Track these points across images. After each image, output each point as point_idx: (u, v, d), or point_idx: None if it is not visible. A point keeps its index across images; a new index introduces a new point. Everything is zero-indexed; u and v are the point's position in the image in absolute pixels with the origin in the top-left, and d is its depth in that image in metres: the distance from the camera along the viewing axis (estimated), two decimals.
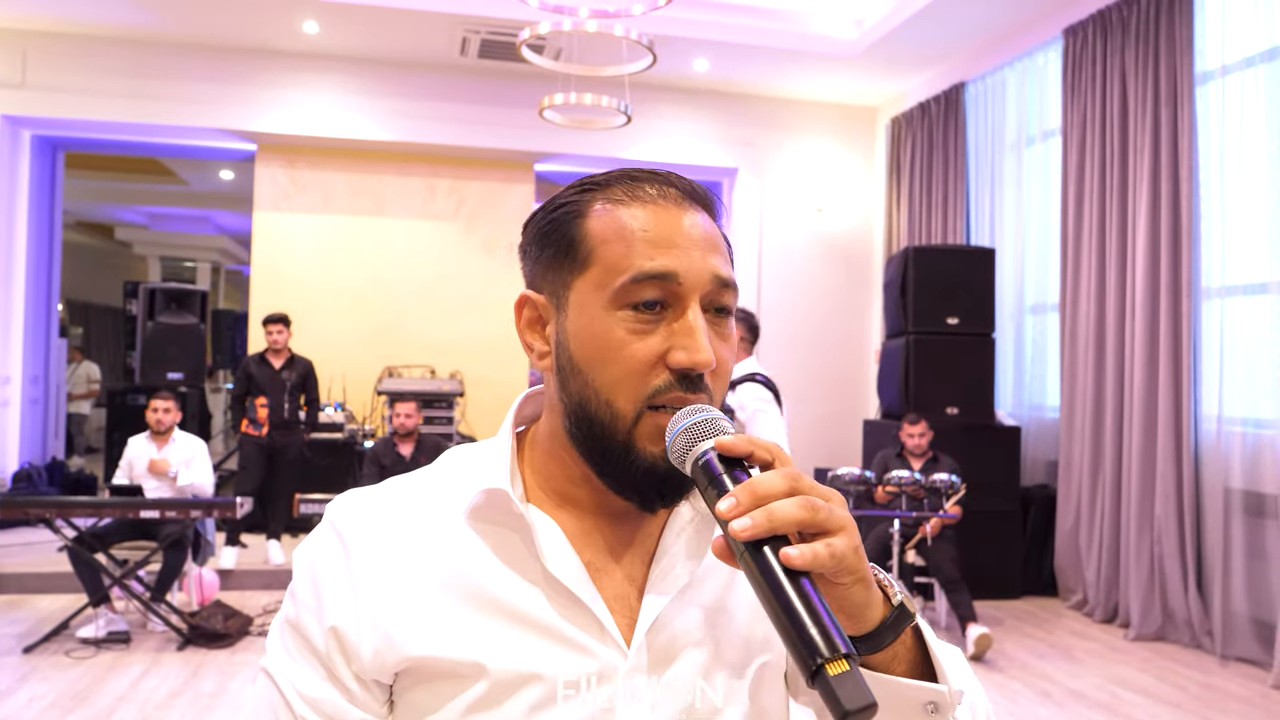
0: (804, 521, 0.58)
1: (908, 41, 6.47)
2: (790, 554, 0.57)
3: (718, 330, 0.72)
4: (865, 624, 0.63)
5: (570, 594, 0.72)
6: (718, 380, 0.72)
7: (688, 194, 0.74)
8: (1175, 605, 4.70)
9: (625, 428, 0.70)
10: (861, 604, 0.62)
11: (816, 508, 0.59)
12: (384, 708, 0.73)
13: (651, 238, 0.71)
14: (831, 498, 0.61)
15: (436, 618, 0.71)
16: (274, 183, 7.40)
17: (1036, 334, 6.14)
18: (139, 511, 4.35)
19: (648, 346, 0.70)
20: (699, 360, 0.68)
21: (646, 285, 0.70)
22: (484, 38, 6.56)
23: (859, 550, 0.60)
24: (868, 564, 0.62)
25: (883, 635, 0.63)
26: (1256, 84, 4.46)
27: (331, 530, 0.75)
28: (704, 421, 0.66)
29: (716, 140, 7.64)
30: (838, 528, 0.59)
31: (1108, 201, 5.20)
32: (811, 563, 0.57)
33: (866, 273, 7.93)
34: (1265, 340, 4.39)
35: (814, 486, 0.61)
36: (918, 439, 5.01)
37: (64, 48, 6.63)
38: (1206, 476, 4.63)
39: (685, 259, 0.70)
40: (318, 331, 7.34)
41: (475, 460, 0.78)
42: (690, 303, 0.70)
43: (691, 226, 0.72)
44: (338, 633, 0.71)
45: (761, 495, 0.59)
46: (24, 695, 3.68)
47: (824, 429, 7.76)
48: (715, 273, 0.71)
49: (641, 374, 0.69)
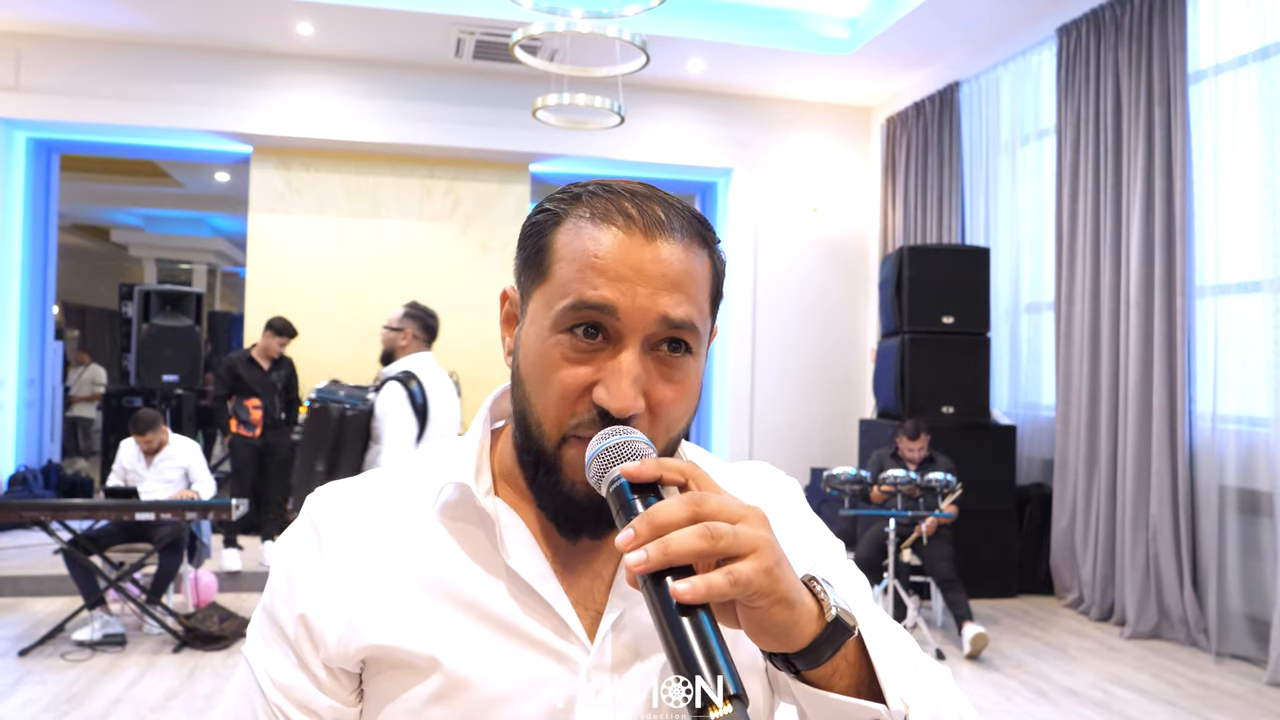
0: (702, 551, 0.55)
1: (902, 41, 6.48)
2: (678, 589, 0.54)
3: (664, 371, 0.69)
4: (796, 641, 0.60)
5: (532, 590, 0.72)
6: (658, 422, 0.69)
7: (660, 224, 0.69)
8: (1171, 603, 4.70)
9: (551, 449, 0.70)
10: (784, 624, 0.58)
11: (718, 535, 0.56)
12: (352, 696, 0.74)
13: (603, 265, 0.67)
14: (745, 518, 0.58)
15: (398, 608, 0.71)
16: (269, 185, 7.40)
17: (1031, 333, 6.14)
18: (134, 514, 4.35)
19: (577, 376, 0.68)
20: (615, 406, 0.66)
21: (585, 313, 0.67)
22: (478, 39, 6.56)
23: (772, 571, 0.57)
24: (788, 583, 0.58)
25: (818, 651, 0.60)
26: (1249, 83, 4.46)
27: (309, 522, 0.76)
28: (618, 445, 0.64)
29: (711, 140, 7.65)
30: (746, 551, 0.56)
31: (1102, 200, 5.21)
32: (705, 595, 0.54)
33: (862, 272, 7.94)
34: (1259, 338, 4.40)
35: (722, 508, 0.58)
36: (916, 453, 4.99)
37: (58, 50, 6.62)
38: (1201, 474, 4.63)
39: (631, 295, 0.67)
40: (314, 333, 7.33)
41: (450, 454, 0.78)
42: (628, 342, 0.67)
43: (653, 261, 0.68)
44: (306, 620, 0.72)
45: (660, 525, 0.56)
46: (19, 698, 3.67)
47: (820, 428, 7.78)
48: (664, 314, 0.67)
49: (569, 402, 0.68)
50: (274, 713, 0.73)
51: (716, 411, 8.02)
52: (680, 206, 0.72)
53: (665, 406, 0.69)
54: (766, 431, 7.71)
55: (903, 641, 0.72)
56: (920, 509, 4.78)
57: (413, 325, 3.75)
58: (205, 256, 14.16)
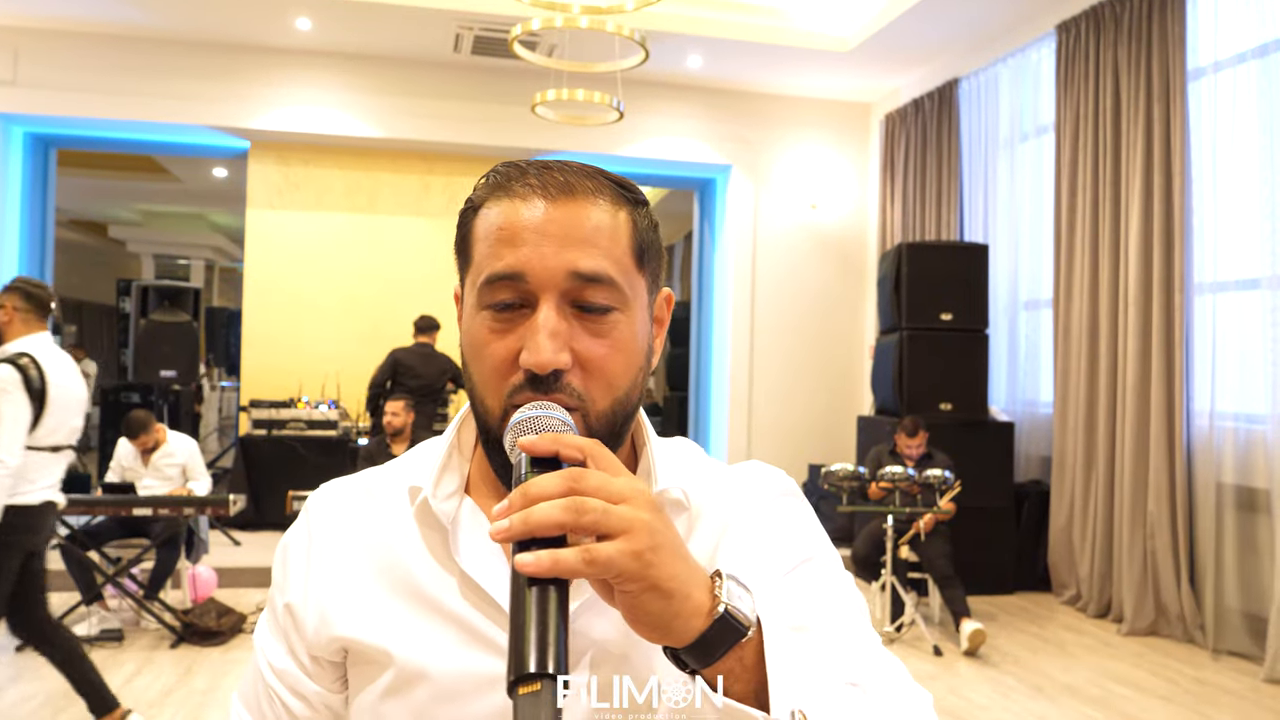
0: (563, 524, 0.54)
1: (901, 38, 6.47)
2: (522, 559, 0.54)
3: (590, 327, 0.69)
4: (679, 635, 0.58)
5: (482, 590, 0.72)
6: (593, 379, 0.69)
7: (564, 186, 0.70)
8: (1168, 600, 4.71)
9: (496, 425, 0.70)
10: (659, 614, 0.57)
11: (583, 510, 0.54)
12: (337, 684, 0.78)
13: (505, 236, 0.69)
14: (629, 499, 0.56)
15: (362, 603, 0.74)
16: (267, 180, 7.39)
17: (1030, 330, 6.14)
18: (131, 509, 4.35)
19: (505, 346, 0.69)
20: (534, 361, 0.66)
21: (499, 287, 0.69)
22: (477, 34, 6.55)
23: (641, 555, 0.55)
24: (666, 572, 0.56)
25: (705, 649, 0.58)
26: (1248, 80, 4.46)
27: (305, 515, 0.81)
28: (529, 419, 0.64)
29: (710, 137, 7.64)
30: (617, 531, 0.55)
31: (1100, 197, 5.21)
32: (548, 569, 0.53)
33: (860, 269, 7.94)
34: (1257, 335, 4.40)
35: (602, 487, 0.56)
36: (914, 450, 5.00)
37: (56, 45, 6.60)
38: (1199, 471, 4.64)
39: (535, 257, 0.68)
40: (311, 329, 7.33)
41: (434, 451, 0.80)
42: (543, 301, 0.68)
43: (549, 221, 0.68)
44: (291, 610, 0.77)
45: (532, 497, 0.55)
46: (15, 694, 3.67)
47: (818, 425, 7.78)
48: (571, 268, 0.67)
49: (502, 374, 0.69)
50: (271, 695, 0.77)
51: (715, 408, 8.02)
52: (591, 170, 0.73)
53: (597, 362, 0.69)
54: (765, 428, 7.71)
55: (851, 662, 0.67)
56: (918, 506, 4.78)
57: (13, 298, 3.23)
58: (203, 252, 14.14)
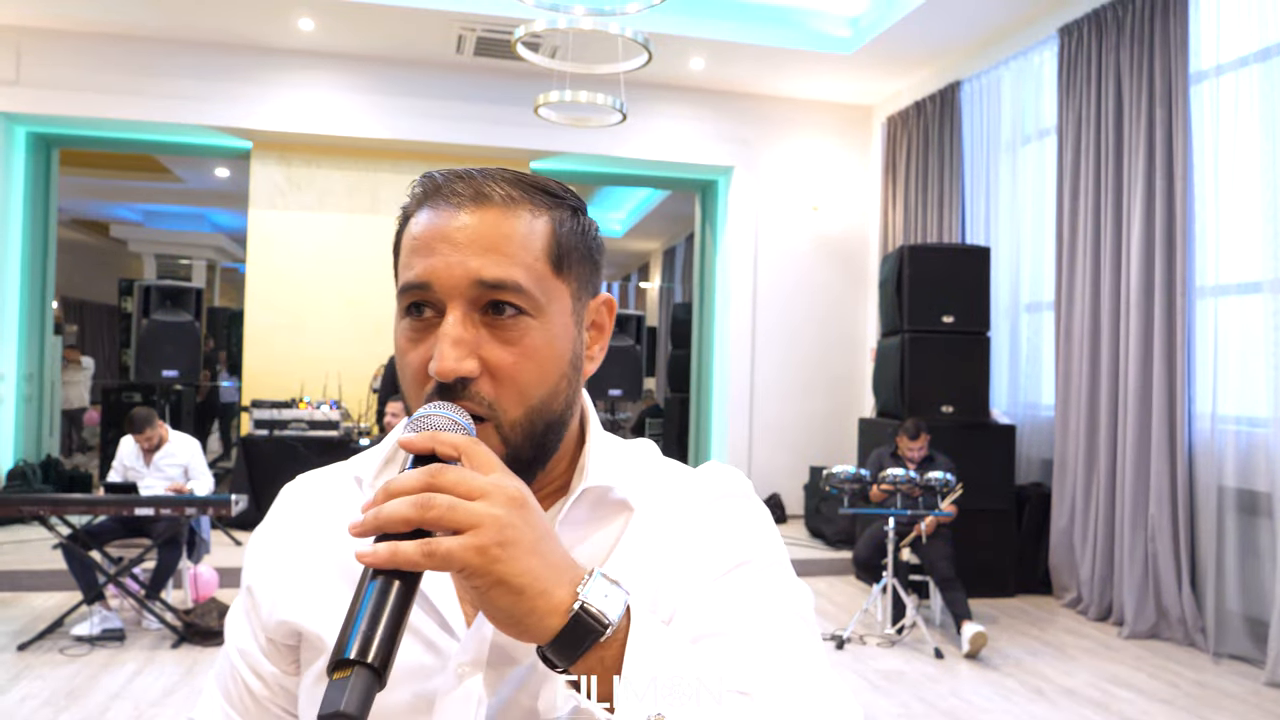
0: (409, 519, 0.55)
1: (903, 40, 6.47)
2: (360, 552, 0.56)
3: (498, 335, 0.69)
4: (536, 632, 0.57)
5: None
6: (503, 386, 0.68)
7: (472, 195, 0.70)
8: (1169, 603, 4.71)
9: None
10: (512, 610, 0.56)
11: (428, 506, 0.55)
12: (291, 666, 0.80)
13: (419, 245, 0.70)
14: (486, 495, 0.57)
15: (309, 588, 0.77)
16: (269, 180, 7.39)
17: (1031, 332, 6.14)
18: (133, 509, 4.35)
19: (419, 355, 0.69)
20: (436, 369, 0.66)
21: (410, 295, 0.70)
22: (480, 35, 6.55)
23: (487, 551, 0.55)
24: (517, 568, 0.56)
25: (565, 647, 0.57)
26: (1250, 83, 4.46)
27: (275, 504, 0.85)
28: (420, 419, 0.64)
29: (712, 138, 7.65)
30: (464, 526, 0.55)
31: (1102, 200, 5.21)
32: (386, 561, 0.55)
33: (862, 271, 7.94)
34: (1258, 339, 4.40)
35: (459, 483, 0.57)
36: (916, 453, 5.00)
37: (58, 44, 6.61)
38: (1200, 475, 4.64)
39: (442, 266, 0.68)
40: (313, 329, 7.34)
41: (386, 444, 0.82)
42: (449, 310, 0.68)
43: (460, 229, 0.69)
44: (251, 592, 0.81)
45: (393, 492, 0.56)
46: (18, 693, 3.67)
47: (819, 427, 7.78)
48: (474, 276, 0.68)
49: (419, 382, 0.70)
50: (234, 673, 0.81)
51: (717, 410, 8.02)
52: (514, 177, 0.72)
53: (506, 370, 0.68)
54: (766, 430, 7.71)
55: (750, 671, 0.64)
56: (919, 508, 4.78)
57: None
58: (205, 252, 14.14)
